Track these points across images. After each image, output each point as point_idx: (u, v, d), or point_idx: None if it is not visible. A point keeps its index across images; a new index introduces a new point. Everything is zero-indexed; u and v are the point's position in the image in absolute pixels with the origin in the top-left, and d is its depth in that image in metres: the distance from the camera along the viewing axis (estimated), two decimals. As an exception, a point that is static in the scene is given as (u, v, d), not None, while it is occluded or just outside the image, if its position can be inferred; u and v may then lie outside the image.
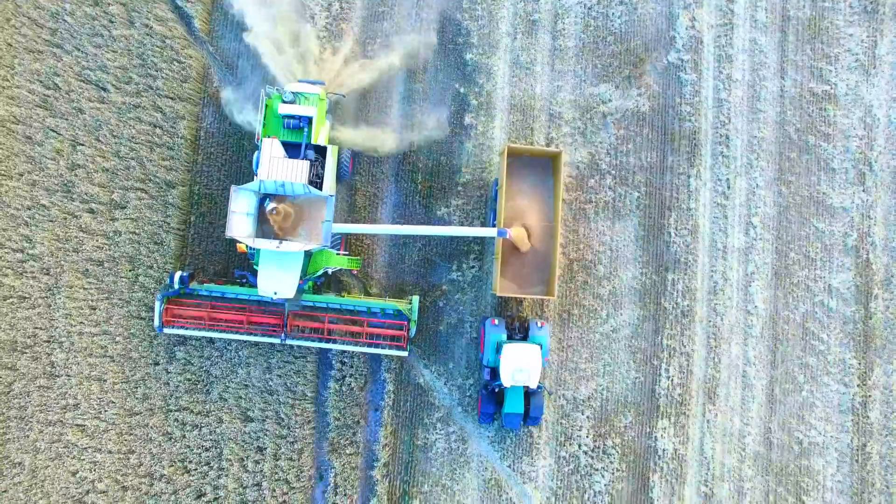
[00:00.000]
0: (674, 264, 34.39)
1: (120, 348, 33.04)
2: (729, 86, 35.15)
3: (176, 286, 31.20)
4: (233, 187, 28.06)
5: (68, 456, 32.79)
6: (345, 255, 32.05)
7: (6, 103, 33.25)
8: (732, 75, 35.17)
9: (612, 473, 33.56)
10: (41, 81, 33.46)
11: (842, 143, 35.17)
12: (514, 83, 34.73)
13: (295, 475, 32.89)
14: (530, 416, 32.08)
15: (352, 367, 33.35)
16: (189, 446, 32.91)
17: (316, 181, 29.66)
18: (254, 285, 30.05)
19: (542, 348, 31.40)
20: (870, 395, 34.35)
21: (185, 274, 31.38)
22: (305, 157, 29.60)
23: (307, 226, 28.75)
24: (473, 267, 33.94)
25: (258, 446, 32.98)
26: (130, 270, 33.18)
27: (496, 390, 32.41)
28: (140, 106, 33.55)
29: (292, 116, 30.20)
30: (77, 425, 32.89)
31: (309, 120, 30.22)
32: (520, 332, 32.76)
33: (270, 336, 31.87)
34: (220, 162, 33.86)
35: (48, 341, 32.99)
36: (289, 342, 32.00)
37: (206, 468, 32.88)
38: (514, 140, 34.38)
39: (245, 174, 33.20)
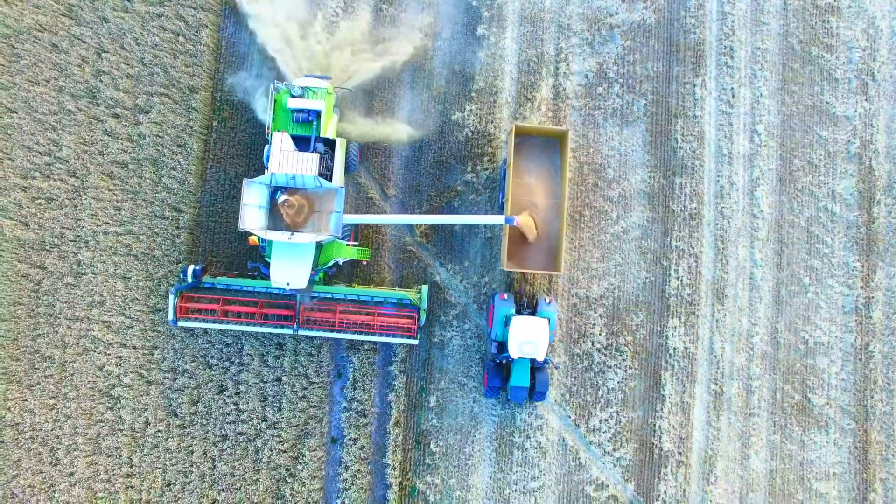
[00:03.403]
0: (681, 169, 35.31)
1: (144, 247, 33.95)
2: (733, -1, 36.20)
3: (189, 280, 31.73)
4: (245, 181, 28.37)
5: (95, 351, 33.68)
6: (355, 245, 32.56)
7: (32, 12, 34.25)
8: (736, -12, 36.21)
9: (625, 371, 34.38)
10: (67, -9, 34.56)
11: (844, 53, 36.15)
12: (524, -4, 35.79)
13: (314, 370, 33.73)
14: (536, 391, 32.38)
15: (370, 266, 34.18)
16: (211, 342, 33.76)
17: (325, 173, 30.06)
18: (266, 277, 30.64)
19: (549, 322, 31.70)
20: (872, 297, 35.21)
21: (198, 268, 31.92)
22: (315, 150, 30.15)
23: (318, 217, 29.12)
24: (487, 168, 34.83)
25: (278, 342, 33.80)
26: (154, 172, 34.13)
27: (503, 364, 32.97)
28: (163, 15, 34.56)
29: (301, 110, 30.69)
30: (103, 321, 33.77)
31: (317, 114, 30.69)
32: (528, 307, 33.26)
33: (282, 327, 32.24)
34: (240, 71, 34.82)
35: (74, 240, 33.91)
36: (301, 333, 32.32)
37: (227, 363, 33.72)
38: (525, 49, 35.38)
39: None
